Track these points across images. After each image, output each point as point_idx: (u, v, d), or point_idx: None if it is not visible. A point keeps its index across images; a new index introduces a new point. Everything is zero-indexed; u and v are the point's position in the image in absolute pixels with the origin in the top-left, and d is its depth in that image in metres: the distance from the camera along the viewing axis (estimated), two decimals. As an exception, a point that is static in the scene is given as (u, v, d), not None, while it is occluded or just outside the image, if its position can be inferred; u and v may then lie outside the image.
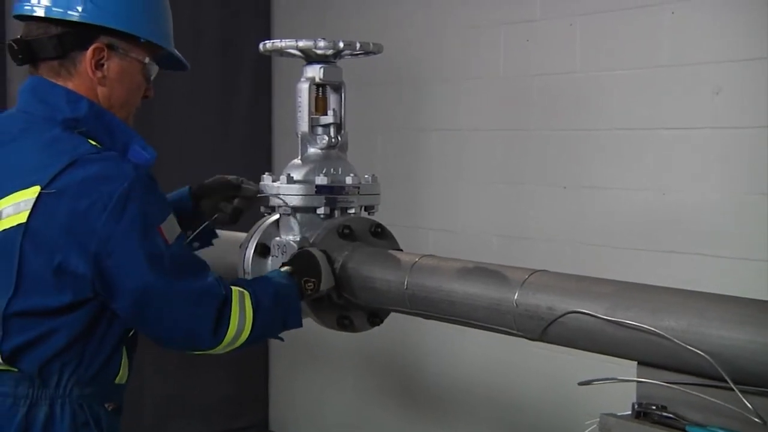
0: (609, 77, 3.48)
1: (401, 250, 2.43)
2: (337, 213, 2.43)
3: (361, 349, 4.53)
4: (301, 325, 2.18)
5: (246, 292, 2.03)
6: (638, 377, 1.75)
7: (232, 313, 1.97)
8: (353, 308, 2.39)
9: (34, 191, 1.79)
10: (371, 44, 2.46)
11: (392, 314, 2.42)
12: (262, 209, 2.51)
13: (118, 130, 1.95)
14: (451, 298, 2.10)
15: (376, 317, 2.43)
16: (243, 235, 2.51)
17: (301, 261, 2.25)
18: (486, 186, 3.95)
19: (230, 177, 2.44)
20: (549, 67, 3.68)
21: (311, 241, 2.38)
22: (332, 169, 2.43)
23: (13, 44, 1.96)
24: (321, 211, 2.40)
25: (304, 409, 5.02)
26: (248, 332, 2.01)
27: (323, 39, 2.39)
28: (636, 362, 1.77)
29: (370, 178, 2.49)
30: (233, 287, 2.02)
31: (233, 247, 2.50)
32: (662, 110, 3.32)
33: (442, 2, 4.13)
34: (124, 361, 1.97)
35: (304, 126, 2.46)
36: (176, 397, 4.82)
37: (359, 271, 2.31)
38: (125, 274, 1.82)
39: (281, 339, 2.23)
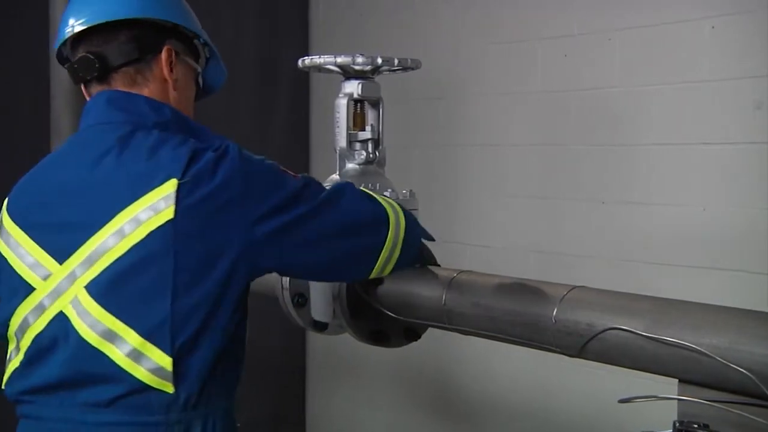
0: (648, 92, 3.46)
1: (439, 265, 2.43)
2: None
3: (397, 364, 4.53)
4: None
5: (400, 212, 2.09)
6: (679, 395, 1.73)
7: (389, 234, 2.03)
8: (390, 323, 2.39)
9: (172, 184, 1.74)
10: (409, 60, 2.47)
11: (429, 330, 2.41)
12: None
13: (201, 134, 1.93)
14: (489, 314, 2.09)
15: (412, 332, 2.42)
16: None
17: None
18: (524, 201, 3.93)
19: None
20: (587, 82, 3.67)
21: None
22: (370, 185, 2.43)
23: (90, 55, 1.89)
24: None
25: (340, 425, 5.01)
26: (398, 255, 2.09)
27: (361, 55, 2.40)
28: (677, 379, 1.76)
29: (407, 193, 2.49)
30: (382, 201, 2.07)
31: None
32: (702, 125, 3.29)
33: (480, 18, 4.13)
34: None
35: (342, 141, 2.47)
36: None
37: (396, 286, 2.31)
38: (284, 221, 1.82)
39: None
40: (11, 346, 1.89)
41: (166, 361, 1.73)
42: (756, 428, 1.60)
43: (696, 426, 1.67)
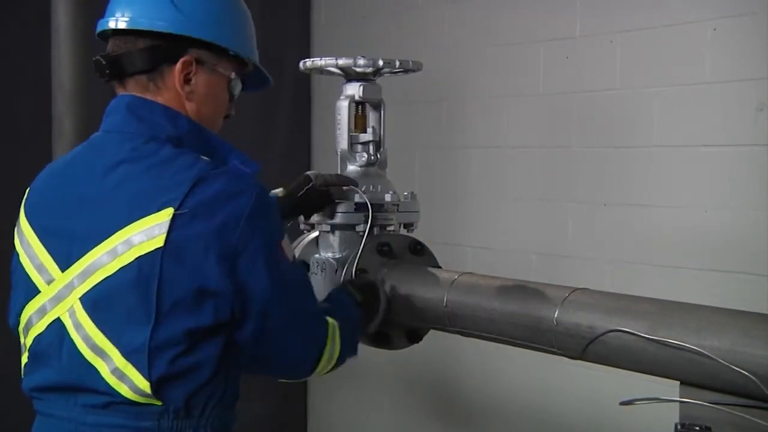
0: (649, 94, 3.45)
1: (440, 267, 2.43)
2: (376, 230, 2.43)
3: (399, 366, 4.52)
4: (357, 353, 2.18)
5: (337, 326, 2.03)
6: (681, 397, 1.73)
7: (327, 348, 1.98)
8: (392, 325, 2.39)
9: (168, 213, 1.73)
10: (411, 62, 2.47)
11: (431, 331, 2.41)
12: (302, 226, 2.52)
13: (218, 146, 1.92)
14: (491, 316, 2.09)
15: (414, 335, 2.42)
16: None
17: (369, 294, 2.25)
18: (526, 203, 3.93)
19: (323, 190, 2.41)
20: (589, 84, 3.66)
21: (350, 258, 2.38)
22: (371, 187, 2.43)
23: (101, 60, 1.91)
24: (360, 228, 2.41)
25: (342, 427, 5.01)
26: (330, 367, 2.03)
27: (363, 57, 2.40)
28: (678, 382, 1.75)
29: (409, 195, 2.50)
30: (327, 318, 2.02)
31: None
32: (704, 127, 3.29)
33: (482, 19, 4.13)
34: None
35: (343, 144, 2.47)
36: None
37: (398, 288, 2.31)
38: (255, 288, 1.79)
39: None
40: (22, 340, 1.94)
41: (144, 384, 1.76)
42: (757, 430, 1.60)
43: (698, 428, 1.67)
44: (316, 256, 2.44)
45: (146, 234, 1.73)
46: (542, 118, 3.87)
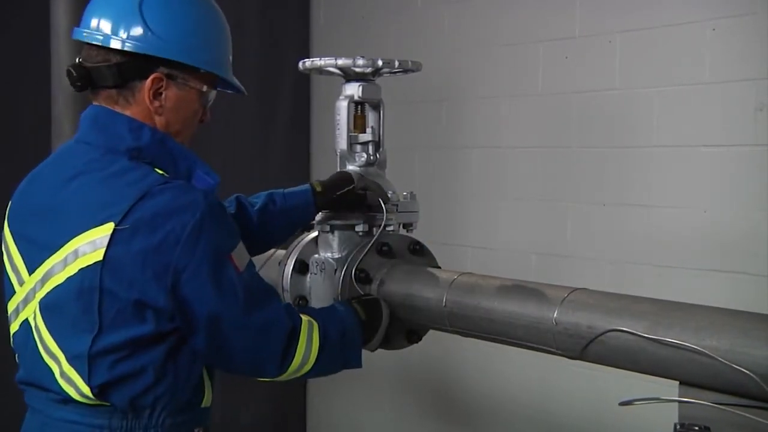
0: (649, 94, 3.45)
1: (440, 267, 2.43)
2: (375, 230, 2.43)
3: (398, 366, 4.52)
4: (361, 366, 2.19)
5: (315, 324, 2.05)
6: (680, 397, 1.73)
7: (299, 343, 1.99)
8: (392, 325, 2.38)
9: (109, 228, 1.77)
10: (410, 62, 2.47)
11: (430, 331, 2.41)
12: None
13: (181, 157, 1.94)
14: (490, 316, 2.09)
15: (414, 334, 2.42)
16: (282, 252, 2.52)
17: (372, 310, 2.26)
18: (525, 203, 3.93)
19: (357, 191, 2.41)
20: (588, 84, 3.66)
21: (350, 258, 2.38)
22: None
23: (72, 71, 1.94)
24: (359, 228, 2.41)
25: (341, 427, 5.01)
26: (312, 365, 2.03)
27: (362, 57, 2.40)
28: (678, 382, 1.75)
29: (408, 195, 2.49)
30: (303, 317, 2.03)
31: (273, 264, 2.51)
32: (703, 127, 3.29)
33: (481, 19, 4.13)
34: (207, 384, 1.98)
35: (342, 144, 2.47)
36: (213, 416, 4.81)
37: (398, 288, 2.31)
38: (198, 305, 1.82)
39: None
40: None
41: (86, 389, 1.84)
42: (757, 429, 1.60)
43: (697, 428, 1.67)
44: (316, 256, 2.43)
45: (90, 246, 1.80)
46: (542, 118, 3.87)
